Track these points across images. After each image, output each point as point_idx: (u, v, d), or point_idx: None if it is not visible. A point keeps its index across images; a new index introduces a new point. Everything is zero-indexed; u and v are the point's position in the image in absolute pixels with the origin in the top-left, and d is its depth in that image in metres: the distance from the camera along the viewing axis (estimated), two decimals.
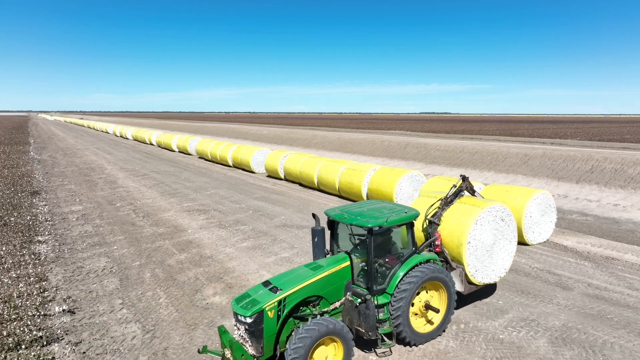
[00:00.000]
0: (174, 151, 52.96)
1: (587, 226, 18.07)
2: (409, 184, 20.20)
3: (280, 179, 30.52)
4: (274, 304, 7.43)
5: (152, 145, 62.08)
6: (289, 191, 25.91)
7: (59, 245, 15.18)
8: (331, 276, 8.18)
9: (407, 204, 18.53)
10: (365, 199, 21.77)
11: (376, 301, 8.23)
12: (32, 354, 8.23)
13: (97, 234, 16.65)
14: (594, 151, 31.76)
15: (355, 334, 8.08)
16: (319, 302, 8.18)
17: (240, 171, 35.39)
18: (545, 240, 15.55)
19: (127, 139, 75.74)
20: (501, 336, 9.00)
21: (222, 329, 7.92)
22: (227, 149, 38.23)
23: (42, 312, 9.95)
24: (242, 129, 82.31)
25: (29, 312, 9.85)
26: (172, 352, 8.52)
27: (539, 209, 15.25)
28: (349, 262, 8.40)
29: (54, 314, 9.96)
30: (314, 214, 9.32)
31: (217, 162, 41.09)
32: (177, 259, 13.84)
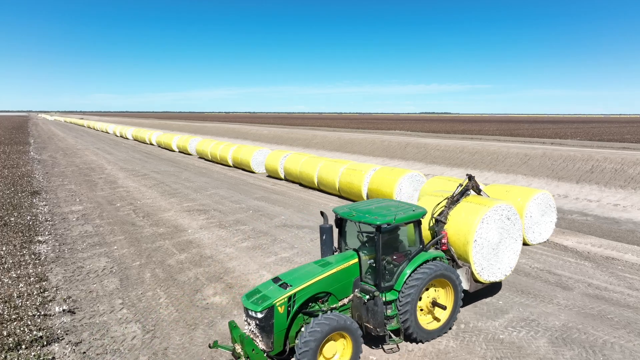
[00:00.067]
0: (174, 151, 52.96)
1: (587, 226, 18.07)
2: (409, 184, 20.20)
3: (280, 179, 30.52)
4: (284, 300, 7.54)
5: (152, 145, 62.09)
6: (289, 191, 25.92)
7: (59, 245, 15.18)
8: (340, 273, 8.29)
9: None
10: (365, 199, 21.76)
11: (384, 298, 8.33)
12: (32, 354, 8.23)
13: (97, 234, 16.65)
14: (594, 151, 31.76)
15: (363, 330, 8.16)
16: (328, 299, 8.29)
17: (240, 171, 35.40)
18: (545, 240, 15.55)
19: (127, 139, 75.75)
20: (501, 336, 9.00)
21: (233, 324, 8.03)
22: (227, 149, 38.23)
23: (42, 312, 9.95)
24: (242, 129, 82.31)
25: (29, 312, 9.85)
26: (172, 352, 8.53)
27: (539, 209, 15.25)
28: (357, 260, 8.51)
29: (54, 314, 9.96)
30: (322, 212, 9.42)
31: (217, 162, 41.10)
32: (177, 259, 13.84)
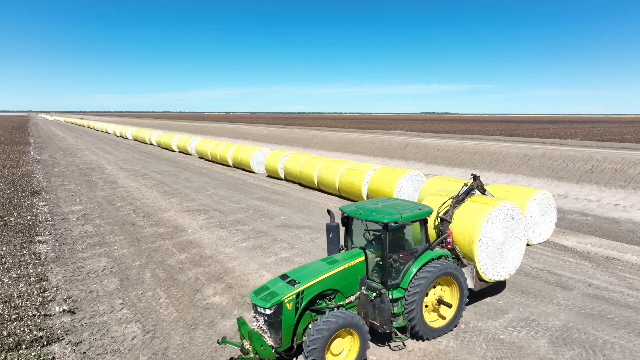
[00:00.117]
0: (174, 151, 52.96)
1: (587, 226, 18.06)
2: (409, 184, 20.20)
3: (280, 179, 30.52)
4: (293, 297, 7.62)
5: (152, 145, 62.09)
6: (289, 191, 25.91)
7: (59, 245, 15.18)
8: (347, 270, 8.38)
9: None
10: (365, 199, 21.76)
11: (391, 295, 8.43)
12: (33, 354, 8.23)
13: (97, 234, 16.65)
14: (594, 151, 31.76)
15: (369, 328, 8.24)
16: (335, 296, 8.38)
17: (240, 171, 35.40)
18: (545, 240, 15.55)
19: (127, 139, 75.75)
20: (501, 336, 9.00)
21: (242, 320, 8.11)
22: (227, 149, 38.23)
23: (43, 312, 9.95)
24: (242, 129, 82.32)
25: (29, 312, 9.85)
26: (172, 352, 8.52)
27: (539, 209, 15.25)
28: (363, 257, 8.60)
29: (54, 314, 9.96)
30: (328, 210, 9.52)
31: (217, 162, 41.10)
32: (177, 259, 13.84)
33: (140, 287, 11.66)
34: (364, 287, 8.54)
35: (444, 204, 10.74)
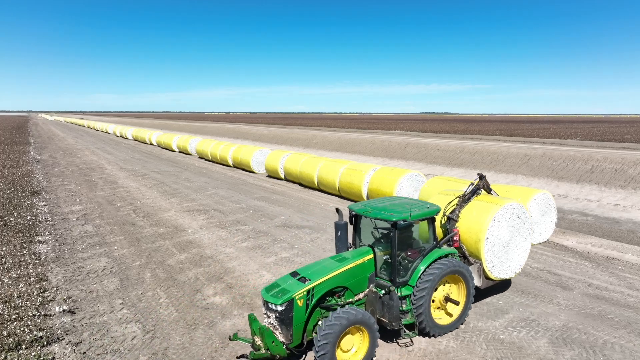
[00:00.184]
0: (174, 151, 52.97)
1: (588, 226, 18.06)
2: (409, 184, 20.20)
3: (280, 179, 30.52)
4: (304, 293, 7.74)
5: (152, 145, 62.09)
6: (289, 191, 25.91)
7: (59, 245, 15.18)
8: (356, 268, 8.48)
9: None
10: (365, 199, 21.76)
11: (399, 293, 8.52)
12: (33, 354, 8.23)
13: (97, 234, 16.65)
14: (594, 151, 31.76)
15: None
16: (344, 293, 8.48)
17: (240, 171, 35.40)
18: (545, 240, 15.55)
19: (127, 139, 75.75)
20: (501, 336, 8.99)
21: (252, 317, 8.19)
22: (227, 149, 38.23)
23: (43, 312, 9.94)
24: (242, 129, 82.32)
25: (29, 312, 9.85)
26: (172, 352, 8.52)
27: (539, 209, 15.25)
28: (372, 255, 8.71)
29: (54, 314, 9.96)
30: (337, 209, 9.63)
31: (217, 162, 41.10)
32: (177, 259, 13.84)
33: (140, 287, 11.65)
34: (372, 285, 8.66)
35: (450, 202, 10.88)
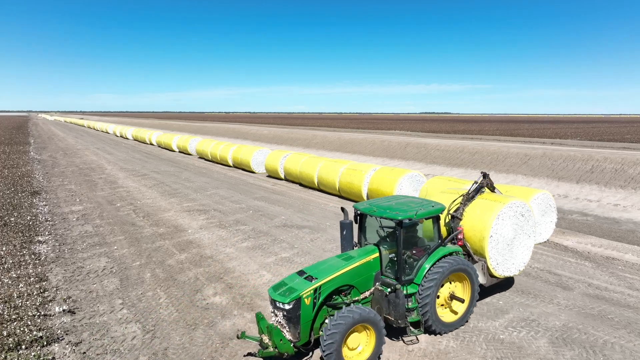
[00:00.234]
0: (174, 151, 52.96)
1: (588, 226, 18.06)
2: (409, 184, 20.20)
3: (280, 179, 30.52)
4: (311, 292, 7.80)
5: (152, 145, 62.09)
6: (289, 191, 25.91)
7: (59, 245, 15.18)
8: (362, 267, 8.54)
9: None
10: (365, 199, 21.76)
11: (405, 291, 8.59)
12: (32, 354, 8.23)
13: (97, 234, 16.65)
14: (594, 151, 31.76)
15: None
16: (350, 292, 8.53)
17: (240, 171, 35.40)
18: (545, 240, 15.55)
19: (127, 139, 75.75)
20: (501, 336, 8.99)
21: (260, 315, 8.25)
22: (227, 149, 38.23)
23: (42, 312, 9.94)
24: (242, 129, 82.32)
25: (29, 312, 9.85)
26: (172, 352, 8.52)
27: (539, 209, 15.25)
28: (378, 254, 8.77)
29: (54, 314, 9.96)
30: (342, 208, 9.68)
31: (217, 162, 41.09)
32: (177, 259, 13.83)
33: (140, 287, 11.65)
34: (378, 283, 8.71)
35: (454, 201, 10.94)
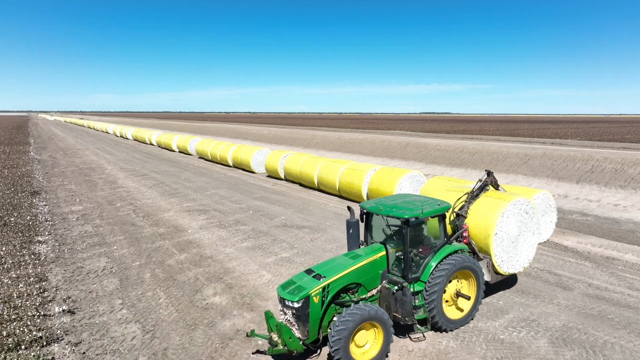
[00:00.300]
0: (174, 151, 52.95)
1: (588, 226, 18.05)
2: (409, 184, 20.19)
3: (280, 179, 30.51)
4: (319, 290, 7.89)
5: (152, 145, 62.08)
6: (289, 191, 25.91)
7: (58, 245, 15.17)
8: (369, 265, 8.60)
9: None
10: (365, 199, 21.76)
11: (412, 288, 8.67)
12: (32, 354, 8.22)
13: (97, 234, 16.64)
14: (594, 151, 31.75)
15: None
16: (358, 290, 8.60)
17: (240, 171, 35.39)
18: (545, 240, 15.54)
19: (127, 139, 75.74)
20: (501, 336, 8.99)
21: (269, 313, 8.32)
22: (227, 149, 38.22)
23: (42, 313, 9.94)
24: (242, 129, 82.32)
25: (29, 313, 9.84)
26: (172, 352, 8.51)
27: (539, 208, 15.24)
28: (384, 252, 8.83)
29: (54, 314, 9.95)
30: (349, 207, 9.76)
31: (217, 162, 41.09)
32: (177, 259, 13.83)
33: (140, 287, 11.64)
34: (385, 281, 8.77)
35: (459, 199, 11.00)
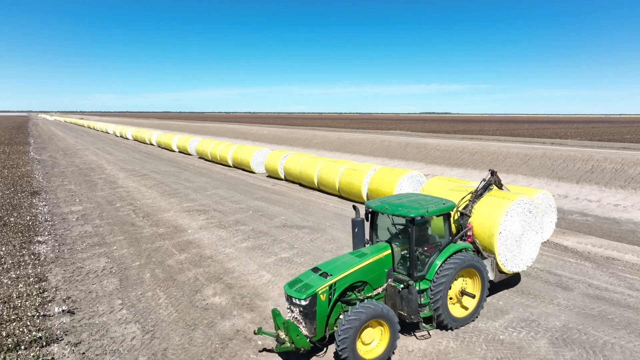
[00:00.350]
0: (174, 151, 52.95)
1: (588, 226, 18.05)
2: (409, 184, 20.18)
3: (280, 179, 30.50)
4: (326, 288, 7.98)
5: (152, 145, 62.07)
6: (289, 191, 25.90)
7: (58, 245, 15.16)
8: (375, 263, 8.67)
9: None
10: (365, 199, 21.75)
11: (418, 287, 8.74)
12: (32, 354, 8.21)
13: (96, 234, 16.63)
14: (594, 151, 31.74)
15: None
16: (364, 288, 8.66)
17: (240, 171, 35.39)
18: (545, 240, 15.53)
19: (127, 139, 75.73)
20: (501, 337, 8.98)
21: (276, 311, 8.34)
22: (227, 149, 38.21)
23: (42, 313, 9.93)
24: (242, 129, 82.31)
25: (29, 313, 9.83)
26: (172, 352, 8.51)
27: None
28: (390, 251, 8.90)
29: (54, 315, 9.94)
30: (354, 206, 9.84)
31: (217, 162, 41.08)
32: (176, 260, 13.82)
33: (139, 288, 11.64)
34: (390, 279, 8.83)
35: (463, 198, 11.06)
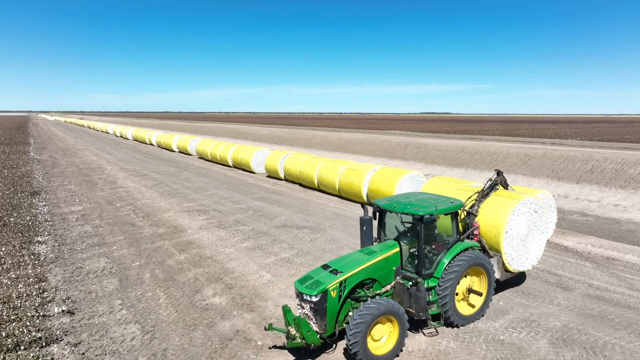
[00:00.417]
0: (174, 151, 52.94)
1: (588, 226, 18.04)
2: (409, 184, 20.18)
3: (280, 179, 30.50)
4: (336, 285, 8.08)
5: (152, 145, 62.07)
6: (289, 191, 25.89)
7: (58, 245, 15.15)
8: (383, 261, 8.78)
9: None
10: (365, 199, 21.75)
11: (426, 284, 8.84)
12: (31, 354, 8.20)
13: (96, 235, 16.63)
14: (594, 151, 31.74)
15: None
16: (373, 285, 8.75)
17: (240, 171, 35.38)
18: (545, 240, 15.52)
19: (127, 139, 75.73)
20: (502, 337, 8.97)
21: (287, 308, 8.42)
22: (227, 149, 38.21)
23: (42, 313, 9.92)
24: (242, 129, 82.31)
25: (28, 313, 9.83)
26: (172, 352, 8.50)
27: None
28: (398, 249, 9.00)
29: (53, 315, 9.93)
30: (362, 204, 9.97)
31: (217, 163, 41.08)
32: (176, 260, 13.81)
33: (139, 288, 11.63)
34: (399, 277, 8.92)
35: (469, 198, 11.13)
